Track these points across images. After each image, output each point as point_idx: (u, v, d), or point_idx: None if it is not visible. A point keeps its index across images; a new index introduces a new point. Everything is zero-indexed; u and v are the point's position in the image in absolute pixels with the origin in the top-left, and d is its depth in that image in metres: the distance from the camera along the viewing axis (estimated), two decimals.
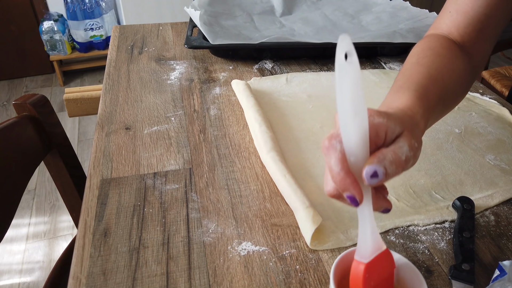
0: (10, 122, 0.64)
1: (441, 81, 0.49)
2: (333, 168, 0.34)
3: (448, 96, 0.49)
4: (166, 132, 0.64)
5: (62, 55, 2.46)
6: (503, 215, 0.51)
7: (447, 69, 0.51)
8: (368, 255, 0.35)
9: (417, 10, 0.99)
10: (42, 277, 1.41)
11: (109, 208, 0.50)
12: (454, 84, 0.50)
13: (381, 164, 0.33)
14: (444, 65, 0.51)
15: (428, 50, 0.53)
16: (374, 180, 0.33)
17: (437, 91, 0.47)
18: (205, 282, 0.42)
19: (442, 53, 0.53)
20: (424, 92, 0.45)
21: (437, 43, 0.54)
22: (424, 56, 0.52)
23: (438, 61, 0.51)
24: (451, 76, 0.50)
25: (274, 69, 0.84)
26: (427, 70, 0.49)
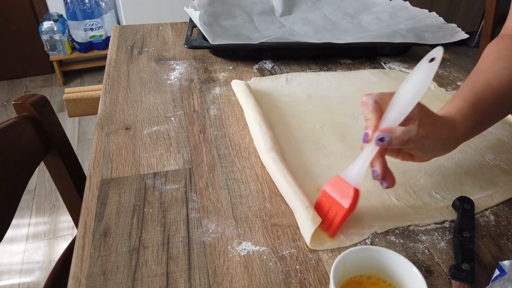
0: (10, 122, 0.64)
1: (499, 85, 0.53)
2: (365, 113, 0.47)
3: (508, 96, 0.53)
4: (166, 132, 0.64)
5: (62, 55, 2.46)
6: (503, 215, 0.51)
7: (509, 70, 0.54)
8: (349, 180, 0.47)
9: (417, 10, 0.99)
10: (42, 277, 1.41)
11: (109, 208, 0.50)
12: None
13: (389, 135, 0.44)
14: (505, 67, 0.54)
15: (493, 53, 0.57)
16: (379, 143, 0.44)
17: (492, 96, 0.52)
18: (205, 282, 0.42)
19: (505, 55, 0.56)
20: (473, 101, 0.51)
21: (502, 45, 0.58)
22: (487, 61, 0.56)
23: (499, 64, 0.55)
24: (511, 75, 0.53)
25: (274, 69, 0.84)
26: (485, 76, 0.54)
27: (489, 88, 0.53)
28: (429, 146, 0.46)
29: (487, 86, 0.53)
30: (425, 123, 0.45)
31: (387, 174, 0.47)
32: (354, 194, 0.46)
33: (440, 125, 0.47)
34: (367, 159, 0.46)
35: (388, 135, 0.44)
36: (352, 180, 0.46)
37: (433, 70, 0.43)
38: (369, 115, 0.46)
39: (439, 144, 0.47)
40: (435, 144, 0.46)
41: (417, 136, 0.44)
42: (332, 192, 0.47)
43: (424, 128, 0.44)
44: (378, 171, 0.46)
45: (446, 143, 0.48)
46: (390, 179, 0.47)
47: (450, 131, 0.48)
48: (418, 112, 0.44)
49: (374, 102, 0.46)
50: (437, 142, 0.46)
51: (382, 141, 0.44)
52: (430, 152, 0.47)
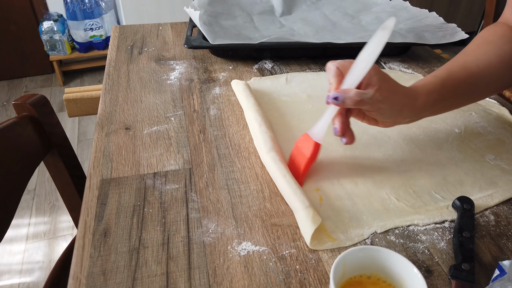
0: (10, 122, 0.64)
1: (475, 67, 0.57)
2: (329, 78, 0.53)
3: (483, 80, 0.58)
4: (166, 132, 0.64)
5: (62, 55, 2.46)
6: (503, 215, 0.51)
7: (489, 55, 0.58)
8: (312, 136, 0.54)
9: (417, 10, 0.99)
10: (42, 277, 1.41)
11: (109, 208, 0.50)
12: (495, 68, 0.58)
13: (343, 95, 0.50)
14: (486, 51, 0.59)
15: (480, 38, 0.61)
16: (334, 101, 0.50)
17: (465, 76, 0.56)
18: (205, 282, 0.42)
19: (490, 40, 0.60)
20: (443, 77, 0.56)
21: (491, 31, 0.62)
22: (472, 45, 0.61)
23: (482, 48, 0.59)
24: (492, 61, 0.58)
25: (274, 69, 0.84)
26: (465, 57, 0.59)
27: (463, 69, 0.57)
28: (386, 110, 0.51)
29: (462, 66, 0.57)
30: (384, 89, 0.50)
31: (346, 131, 0.53)
32: (314, 147, 0.53)
33: (399, 93, 0.52)
34: (328, 118, 0.53)
35: (342, 95, 0.50)
36: (314, 136, 0.54)
37: (384, 38, 0.50)
38: (331, 79, 0.52)
39: (396, 110, 0.52)
40: (392, 109, 0.52)
41: (372, 99, 0.50)
42: (300, 146, 0.55)
43: (381, 93, 0.50)
44: (338, 128, 0.52)
45: (403, 111, 0.53)
46: (349, 136, 0.53)
47: (409, 100, 0.53)
48: (378, 79, 0.50)
49: (336, 68, 0.52)
50: (394, 108, 0.52)
51: (337, 99, 0.50)
52: (388, 117, 0.53)
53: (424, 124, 0.67)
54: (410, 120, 0.56)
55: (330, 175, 0.56)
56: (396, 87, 0.52)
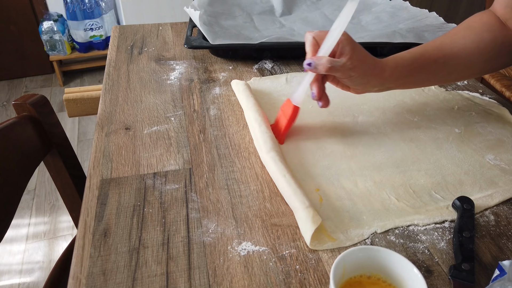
0: (10, 122, 0.64)
1: (449, 49, 0.61)
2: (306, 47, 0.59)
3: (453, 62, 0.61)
4: (166, 132, 0.64)
5: (62, 55, 2.46)
6: (503, 215, 0.51)
7: (466, 40, 0.61)
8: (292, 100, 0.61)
9: (417, 10, 0.99)
10: (42, 277, 1.41)
11: (109, 208, 0.50)
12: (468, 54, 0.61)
13: (315, 61, 0.55)
14: (465, 36, 0.62)
15: (464, 23, 0.65)
16: (307, 67, 0.56)
17: (436, 56, 0.61)
18: (205, 282, 0.42)
19: (472, 26, 0.63)
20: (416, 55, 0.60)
21: (476, 18, 0.64)
22: (455, 29, 0.64)
23: (462, 33, 0.63)
24: (467, 46, 0.61)
25: (274, 69, 0.84)
26: (442, 39, 0.63)
27: (437, 49, 0.61)
28: (356, 78, 0.57)
29: (437, 46, 0.62)
30: (354, 58, 0.55)
31: (322, 96, 0.59)
32: (293, 110, 0.60)
33: (368, 63, 0.57)
34: (306, 84, 0.59)
35: (315, 61, 0.55)
36: (294, 100, 0.61)
37: (352, 9, 0.55)
38: (308, 48, 0.58)
39: (365, 79, 0.58)
40: (361, 78, 0.57)
41: (343, 66, 0.55)
42: (283, 109, 0.63)
43: (352, 62, 0.55)
44: (315, 93, 0.58)
45: (371, 80, 0.58)
46: (324, 100, 0.60)
47: (377, 71, 0.58)
48: (350, 49, 0.55)
49: (313, 38, 0.58)
50: (363, 76, 0.57)
51: (310, 65, 0.56)
52: (358, 84, 0.58)
53: (424, 124, 0.67)
54: (378, 89, 0.61)
55: (330, 175, 0.56)
56: (366, 57, 0.57)
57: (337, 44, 0.55)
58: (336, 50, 0.55)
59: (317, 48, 0.57)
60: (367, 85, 0.59)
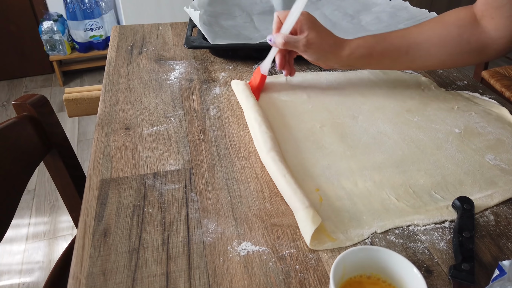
0: (9, 122, 0.64)
1: (413, 39, 0.65)
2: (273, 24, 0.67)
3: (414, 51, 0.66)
4: (166, 132, 0.64)
5: (61, 55, 2.46)
6: (503, 215, 0.51)
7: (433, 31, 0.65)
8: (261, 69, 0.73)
9: (417, 10, 0.99)
10: (42, 278, 1.41)
11: (109, 208, 0.50)
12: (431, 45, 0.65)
13: (274, 37, 0.66)
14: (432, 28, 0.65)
15: (439, 16, 0.68)
16: (269, 42, 0.67)
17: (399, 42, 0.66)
18: (205, 282, 0.42)
19: (444, 19, 0.66)
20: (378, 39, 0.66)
21: (453, 12, 0.67)
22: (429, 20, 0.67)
23: (431, 24, 0.66)
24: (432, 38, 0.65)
25: (274, 69, 0.84)
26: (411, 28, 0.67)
27: (401, 36, 0.66)
28: (312, 54, 0.65)
29: (402, 34, 0.66)
30: (311, 36, 0.63)
31: (285, 65, 0.70)
32: (261, 78, 0.73)
33: (326, 41, 0.64)
34: (271, 55, 0.70)
35: (274, 37, 0.65)
36: (262, 69, 0.72)
37: None
38: (273, 26, 0.67)
39: (321, 55, 0.65)
40: (317, 54, 0.65)
41: (298, 42, 0.63)
42: (255, 76, 0.74)
43: (308, 40, 0.63)
44: (277, 63, 0.69)
45: (328, 57, 0.66)
46: (287, 69, 0.71)
47: (336, 49, 0.65)
48: (308, 27, 0.63)
49: (277, 17, 0.66)
50: (320, 53, 0.65)
51: (270, 40, 0.66)
52: (316, 59, 0.67)
53: (424, 124, 0.67)
54: (339, 66, 0.68)
55: (330, 175, 0.56)
56: (325, 36, 0.64)
57: (297, 23, 0.63)
58: (297, 28, 0.64)
59: (280, 25, 0.65)
60: (325, 61, 0.66)
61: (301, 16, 0.63)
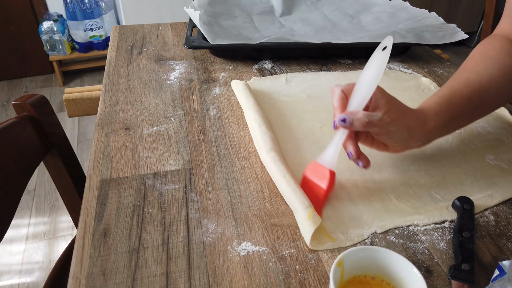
0: (9, 122, 0.64)
1: (478, 84, 0.56)
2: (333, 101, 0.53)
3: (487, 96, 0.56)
4: (165, 132, 0.64)
5: (61, 55, 2.46)
6: (503, 215, 0.51)
7: (490, 70, 0.57)
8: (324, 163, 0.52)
9: (417, 10, 0.99)
10: (42, 278, 1.41)
11: (109, 208, 0.50)
12: (498, 83, 0.57)
13: (350, 117, 0.49)
14: (488, 67, 0.58)
15: (479, 53, 0.61)
16: (342, 123, 0.49)
17: (469, 94, 0.55)
18: (205, 282, 0.42)
19: (491, 55, 0.59)
20: (448, 97, 0.54)
21: (490, 46, 0.61)
22: (471, 61, 0.60)
23: (483, 64, 0.58)
24: (494, 76, 0.56)
25: (274, 69, 0.84)
26: (466, 74, 0.57)
27: (466, 86, 0.56)
28: (396, 133, 0.50)
29: (465, 84, 0.56)
30: (392, 111, 0.49)
31: (360, 154, 0.52)
32: (330, 176, 0.51)
33: (408, 116, 0.51)
34: (339, 143, 0.51)
35: (350, 116, 0.49)
36: (327, 163, 0.52)
37: (386, 58, 0.49)
38: (336, 103, 0.52)
39: (406, 133, 0.51)
40: (401, 132, 0.50)
41: (381, 121, 0.49)
42: (312, 176, 0.53)
43: (390, 115, 0.49)
44: (352, 152, 0.52)
45: (414, 133, 0.51)
46: (364, 159, 0.52)
47: (419, 122, 0.52)
48: (385, 101, 0.49)
49: (341, 92, 0.52)
50: (404, 130, 0.50)
51: (344, 122, 0.49)
52: (398, 140, 0.51)
53: None
54: (421, 143, 0.54)
55: None
56: (404, 109, 0.51)
57: None
58: (369, 104, 0.50)
59: (346, 102, 0.52)
60: (409, 140, 0.52)
61: None
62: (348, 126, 0.49)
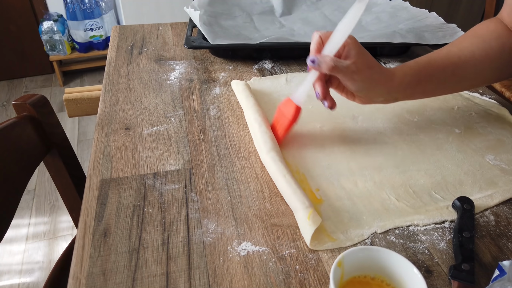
0: (9, 122, 0.64)
1: (457, 58, 0.59)
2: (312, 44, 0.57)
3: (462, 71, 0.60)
4: (166, 132, 0.64)
5: (61, 55, 2.46)
6: (503, 215, 0.51)
7: (474, 47, 0.60)
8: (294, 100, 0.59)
9: (417, 10, 0.99)
10: (42, 278, 1.41)
11: (109, 208, 0.50)
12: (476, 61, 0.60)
13: (319, 59, 0.54)
14: (472, 43, 0.60)
15: (471, 31, 0.63)
16: (311, 64, 0.54)
17: (444, 65, 0.59)
18: (205, 282, 0.42)
19: (479, 34, 0.62)
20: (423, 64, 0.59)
21: (483, 26, 0.63)
22: (462, 37, 0.63)
23: (469, 41, 0.61)
24: (475, 54, 0.59)
25: (274, 69, 0.84)
26: (450, 48, 0.61)
27: (445, 58, 0.60)
28: (359, 83, 0.55)
29: (445, 55, 0.60)
30: (360, 62, 0.54)
31: (327, 95, 0.57)
32: (295, 110, 0.58)
33: (374, 70, 0.55)
34: (308, 83, 0.57)
35: (319, 59, 0.54)
36: (295, 99, 0.59)
37: (360, 11, 0.53)
38: (312, 46, 0.57)
39: (368, 84, 0.55)
40: (364, 82, 0.55)
41: (347, 68, 0.53)
42: (283, 109, 0.60)
43: (357, 66, 0.54)
44: (319, 92, 0.56)
45: (376, 87, 0.56)
46: (330, 100, 0.57)
47: (384, 78, 0.56)
48: (356, 52, 0.54)
49: (319, 37, 0.57)
50: (367, 81, 0.55)
51: (313, 63, 0.54)
52: (360, 90, 0.56)
53: (424, 124, 0.67)
54: (384, 99, 0.59)
55: (330, 175, 0.56)
56: (373, 63, 0.56)
57: (342, 46, 0.54)
58: (342, 52, 0.55)
59: (321, 47, 0.56)
60: (371, 91, 0.57)
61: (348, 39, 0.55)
62: (316, 67, 0.54)
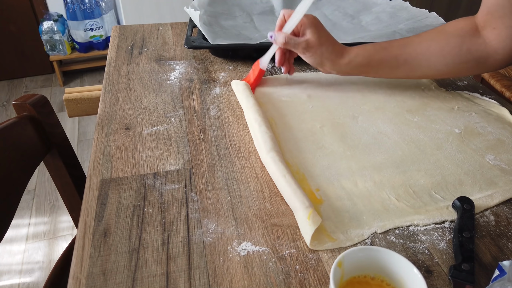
0: (10, 122, 0.64)
1: (413, 49, 0.65)
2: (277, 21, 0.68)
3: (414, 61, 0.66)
4: (166, 132, 0.64)
5: (62, 55, 2.46)
6: (503, 215, 0.51)
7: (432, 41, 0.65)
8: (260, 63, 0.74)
9: (417, 10, 0.99)
10: (42, 278, 1.41)
11: (109, 208, 0.50)
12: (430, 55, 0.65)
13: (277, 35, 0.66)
14: (433, 38, 0.65)
15: (441, 26, 0.67)
16: (270, 39, 0.67)
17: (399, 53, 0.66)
18: (205, 282, 0.42)
19: (445, 30, 0.66)
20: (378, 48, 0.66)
21: (454, 22, 0.67)
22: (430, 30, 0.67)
23: (432, 34, 0.66)
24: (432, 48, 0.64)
25: (274, 69, 0.84)
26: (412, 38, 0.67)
27: (402, 46, 0.66)
28: (310, 58, 0.66)
29: (403, 43, 0.66)
30: (312, 40, 0.63)
31: (284, 63, 0.70)
32: (259, 73, 0.74)
33: (325, 47, 0.64)
34: (271, 51, 0.71)
35: (276, 34, 0.66)
36: (261, 63, 0.73)
37: None
38: (277, 23, 0.67)
39: (319, 60, 0.66)
40: (315, 58, 0.66)
41: (298, 45, 0.64)
42: (254, 69, 0.75)
43: (308, 43, 0.64)
44: (277, 60, 0.69)
45: (326, 63, 0.66)
46: (286, 67, 0.71)
47: (334, 56, 0.65)
48: (310, 31, 0.63)
49: (283, 15, 0.66)
50: (317, 58, 0.65)
51: (271, 37, 0.67)
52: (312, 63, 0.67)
53: (424, 124, 0.67)
54: (336, 72, 0.69)
55: (330, 175, 0.56)
56: (325, 41, 0.64)
57: (300, 24, 0.63)
58: (300, 29, 0.64)
59: (283, 24, 0.66)
60: (323, 66, 0.67)
61: (305, 18, 0.63)
62: (273, 41, 0.67)
